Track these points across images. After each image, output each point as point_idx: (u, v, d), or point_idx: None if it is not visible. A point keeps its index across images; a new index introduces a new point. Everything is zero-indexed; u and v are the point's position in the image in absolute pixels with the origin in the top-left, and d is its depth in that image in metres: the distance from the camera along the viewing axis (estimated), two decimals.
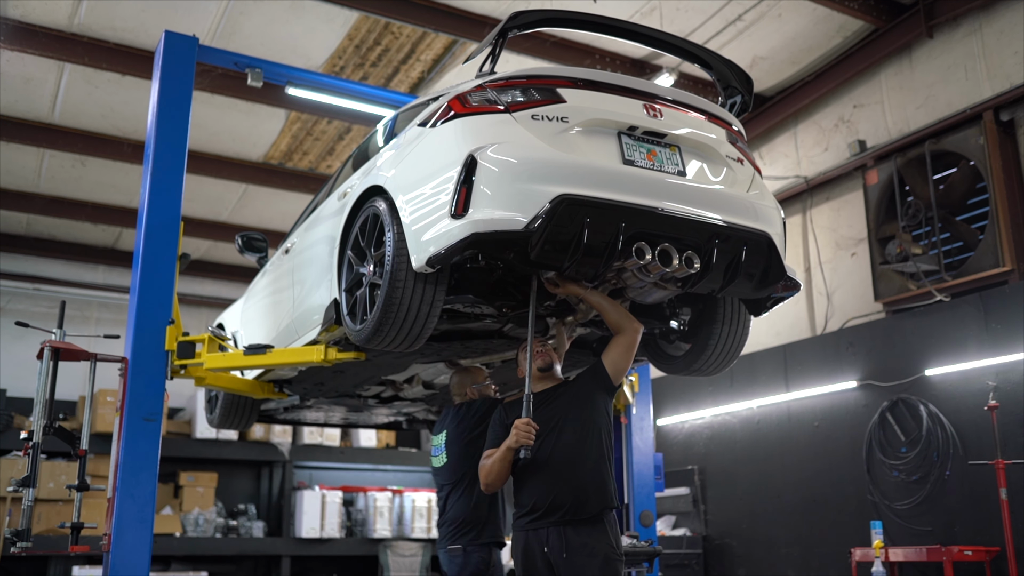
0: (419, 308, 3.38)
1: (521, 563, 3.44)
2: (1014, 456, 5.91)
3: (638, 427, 6.17)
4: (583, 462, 3.43)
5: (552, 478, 3.42)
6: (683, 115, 3.64)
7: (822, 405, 7.62)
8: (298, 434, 10.97)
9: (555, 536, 3.38)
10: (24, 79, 8.10)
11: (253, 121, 9.01)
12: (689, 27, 7.63)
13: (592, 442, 3.47)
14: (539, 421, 3.42)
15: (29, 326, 4.74)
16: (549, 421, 3.48)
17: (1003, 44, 6.96)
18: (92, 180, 10.10)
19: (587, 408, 3.52)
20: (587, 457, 3.44)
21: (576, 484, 3.40)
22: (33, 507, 4.25)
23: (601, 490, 3.43)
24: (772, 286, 3.66)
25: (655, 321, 4.11)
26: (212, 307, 12.02)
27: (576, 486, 3.40)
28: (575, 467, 3.42)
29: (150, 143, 5.02)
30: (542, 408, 3.52)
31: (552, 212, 3.04)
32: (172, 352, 4.64)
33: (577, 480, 3.41)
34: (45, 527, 8.75)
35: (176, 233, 4.87)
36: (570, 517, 3.38)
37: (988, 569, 5.97)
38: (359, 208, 3.78)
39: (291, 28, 7.48)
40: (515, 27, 3.58)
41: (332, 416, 6.29)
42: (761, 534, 7.98)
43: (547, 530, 3.40)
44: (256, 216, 11.19)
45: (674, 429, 9.20)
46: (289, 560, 10.38)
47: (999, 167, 6.81)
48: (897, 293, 7.41)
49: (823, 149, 8.53)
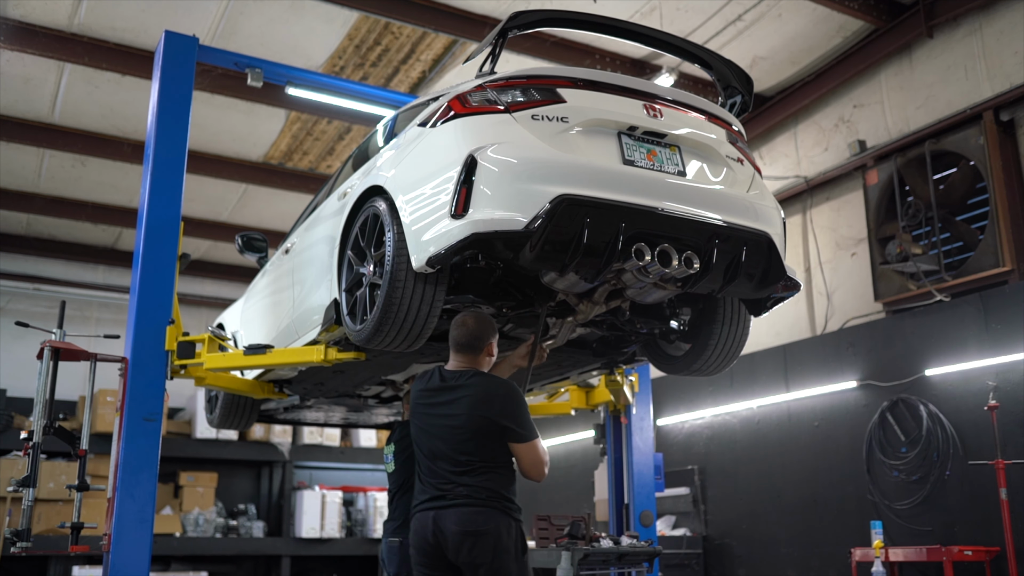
0: (419, 308, 3.39)
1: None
2: (1014, 456, 5.91)
3: (638, 427, 6.18)
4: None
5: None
6: (683, 115, 3.64)
7: (822, 405, 7.62)
8: (298, 434, 10.98)
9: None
10: (24, 79, 8.10)
11: (253, 121, 9.01)
12: (689, 27, 7.63)
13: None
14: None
15: (29, 326, 4.74)
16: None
17: (1003, 44, 6.96)
18: (92, 180, 10.10)
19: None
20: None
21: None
22: (33, 507, 4.26)
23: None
24: (772, 286, 3.66)
25: (655, 321, 4.11)
26: (212, 307, 12.03)
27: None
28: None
29: (150, 143, 5.02)
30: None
31: (552, 212, 3.04)
32: (172, 352, 4.64)
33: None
34: (45, 527, 8.75)
35: (176, 233, 4.87)
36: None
37: (988, 569, 5.97)
38: (359, 208, 3.78)
39: (291, 28, 7.48)
40: (515, 27, 3.59)
41: (332, 416, 6.29)
42: (761, 534, 7.98)
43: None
44: (256, 216, 11.19)
45: (674, 429, 9.21)
46: (289, 560, 10.39)
47: (999, 167, 6.81)
48: (897, 293, 7.41)
49: (823, 149, 8.53)
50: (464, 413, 3.25)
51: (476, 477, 3.22)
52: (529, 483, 3.53)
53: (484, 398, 3.25)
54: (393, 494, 5.06)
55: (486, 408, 3.24)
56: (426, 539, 3.26)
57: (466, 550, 3.16)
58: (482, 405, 3.24)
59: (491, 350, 3.45)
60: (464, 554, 3.16)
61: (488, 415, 3.23)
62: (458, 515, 3.19)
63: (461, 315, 3.49)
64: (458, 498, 3.22)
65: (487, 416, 3.23)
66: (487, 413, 3.23)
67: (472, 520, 3.17)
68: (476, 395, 3.26)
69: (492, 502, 3.20)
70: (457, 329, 3.43)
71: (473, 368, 3.39)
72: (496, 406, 3.24)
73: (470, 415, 3.24)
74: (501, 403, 3.25)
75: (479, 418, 3.23)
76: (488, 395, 3.26)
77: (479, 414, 3.23)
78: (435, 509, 3.25)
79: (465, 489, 3.21)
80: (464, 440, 3.25)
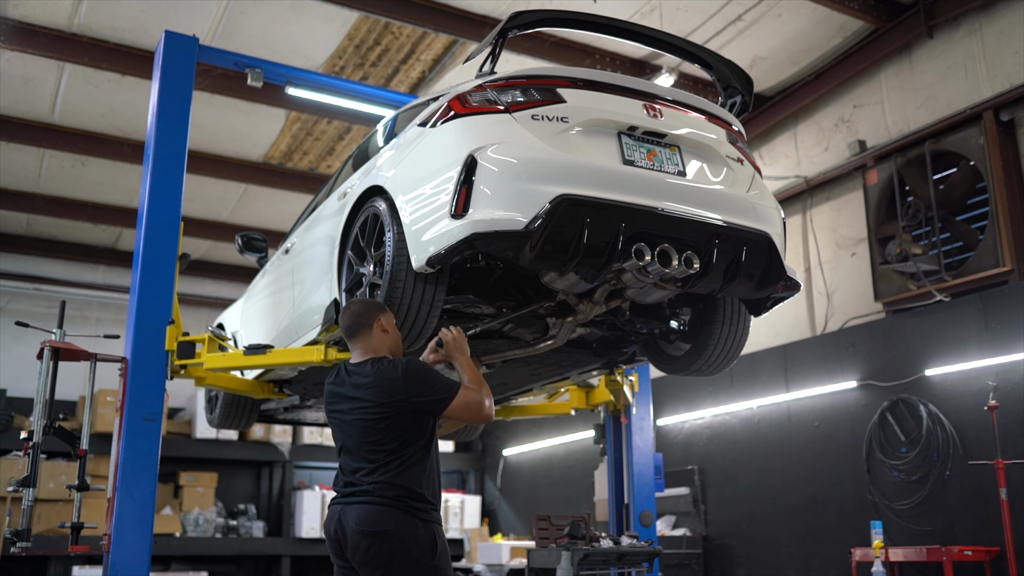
0: (419, 308, 3.39)
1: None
2: (1014, 456, 5.91)
3: (638, 427, 6.18)
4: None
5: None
6: (683, 115, 3.64)
7: (822, 405, 7.62)
8: (298, 434, 10.98)
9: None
10: (24, 79, 8.10)
11: (253, 121, 9.01)
12: (689, 27, 7.63)
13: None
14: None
15: (29, 326, 4.74)
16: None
17: (1003, 44, 6.96)
18: (92, 180, 10.10)
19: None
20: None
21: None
22: (33, 507, 4.26)
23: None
24: (772, 286, 3.66)
25: (655, 321, 4.11)
26: (212, 307, 12.03)
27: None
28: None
29: (150, 143, 5.02)
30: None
31: (552, 212, 3.04)
32: (172, 352, 4.64)
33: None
34: (45, 527, 8.75)
35: (176, 233, 4.87)
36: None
37: (988, 569, 5.97)
38: (359, 208, 3.78)
39: (291, 28, 7.48)
40: (515, 27, 3.59)
41: None
42: (761, 534, 7.98)
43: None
44: (256, 216, 11.19)
45: (674, 429, 9.21)
46: (289, 560, 10.40)
47: (999, 167, 6.81)
48: (897, 293, 7.41)
49: (823, 149, 8.53)
50: (367, 406, 3.05)
51: (382, 473, 3.01)
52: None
53: (385, 387, 3.03)
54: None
55: (390, 395, 3.02)
56: (330, 534, 3.11)
57: (363, 550, 2.97)
58: (384, 394, 3.03)
59: (383, 326, 3.22)
60: (360, 554, 2.97)
61: (394, 400, 3.02)
62: (358, 513, 3.00)
63: (345, 304, 3.34)
64: (362, 495, 3.02)
65: (394, 402, 3.02)
66: (392, 399, 3.02)
67: (370, 519, 2.97)
68: (375, 385, 3.05)
69: (397, 501, 2.99)
70: (341, 318, 3.27)
71: (371, 356, 3.18)
72: (400, 390, 3.02)
73: (374, 406, 3.03)
74: (402, 383, 3.02)
75: (384, 406, 3.02)
76: (387, 382, 3.04)
77: (383, 402, 3.02)
78: (342, 504, 3.08)
79: (369, 486, 3.01)
80: (370, 433, 3.04)
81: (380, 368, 3.08)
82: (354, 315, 3.22)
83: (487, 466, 12.27)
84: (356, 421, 3.07)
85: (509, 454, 11.63)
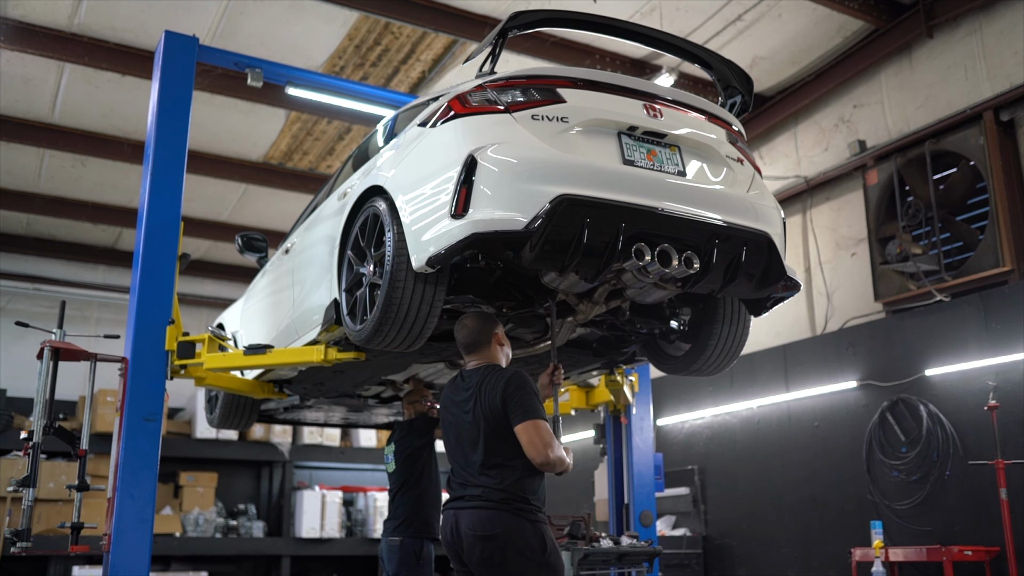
0: (419, 308, 3.39)
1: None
2: (1014, 456, 5.91)
3: (638, 427, 6.17)
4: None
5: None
6: (683, 115, 3.64)
7: (822, 405, 7.62)
8: (298, 434, 10.97)
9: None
10: (24, 79, 8.10)
11: (253, 121, 9.01)
12: (689, 27, 7.63)
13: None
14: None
15: (29, 326, 4.74)
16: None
17: (1003, 44, 6.96)
18: (92, 180, 10.10)
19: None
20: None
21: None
22: (33, 507, 4.26)
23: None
24: (772, 286, 3.66)
25: (655, 321, 4.11)
26: (212, 307, 12.02)
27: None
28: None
29: (150, 143, 5.02)
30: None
31: (552, 212, 3.04)
32: (172, 352, 4.64)
33: None
34: (45, 527, 8.74)
35: (176, 233, 4.87)
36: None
37: (988, 569, 5.97)
38: (359, 208, 3.78)
39: (291, 28, 7.47)
40: (515, 27, 3.58)
41: (332, 416, 6.29)
42: (761, 534, 7.98)
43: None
44: (256, 216, 11.19)
45: (674, 429, 9.21)
46: (289, 560, 10.38)
47: (999, 167, 6.81)
48: (897, 293, 7.41)
49: (823, 149, 8.53)
50: (474, 409, 3.27)
51: (491, 477, 3.19)
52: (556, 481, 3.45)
53: (488, 390, 3.26)
54: (394, 493, 5.11)
55: (490, 398, 3.24)
56: (447, 538, 3.28)
57: (477, 553, 3.14)
58: (487, 397, 3.25)
59: (499, 340, 3.46)
60: (476, 556, 3.15)
61: (493, 405, 3.22)
62: (471, 517, 3.17)
63: (460, 319, 3.51)
64: (473, 499, 3.20)
65: (493, 406, 3.22)
66: (492, 403, 3.23)
67: (482, 523, 3.14)
68: (483, 389, 3.28)
69: (505, 504, 3.15)
70: (459, 333, 3.47)
71: (487, 364, 3.40)
72: (498, 394, 3.23)
73: (479, 410, 3.25)
74: (502, 389, 3.23)
75: (486, 411, 3.23)
76: (491, 386, 3.26)
77: (486, 406, 3.24)
78: (455, 509, 3.25)
79: (479, 490, 3.19)
80: (477, 437, 3.25)
81: (491, 376, 3.31)
82: (474, 332, 3.45)
83: None
84: (467, 427, 3.29)
85: None
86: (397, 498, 5.07)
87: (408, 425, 5.19)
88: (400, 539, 4.94)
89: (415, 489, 5.02)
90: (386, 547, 4.98)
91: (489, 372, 3.34)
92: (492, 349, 3.44)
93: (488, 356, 3.43)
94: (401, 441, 5.16)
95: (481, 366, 3.40)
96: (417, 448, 5.09)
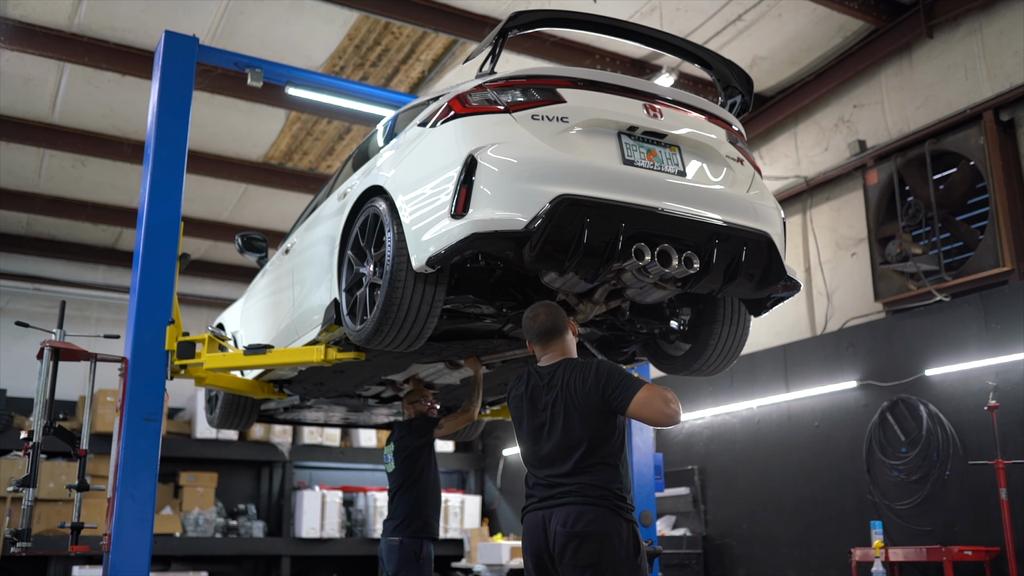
0: (419, 308, 3.39)
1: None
2: (1014, 456, 5.91)
3: (638, 427, 6.17)
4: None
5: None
6: (683, 115, 3.64)
7: (822, 405, 7.62)
8: (298, 434, 10.98)
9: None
10: (24, 79, 8.10)
11: (253, 121, 9.01)
12: (689, 27, 7.63)
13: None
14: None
15: (29, 326, 4.74)
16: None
17: (1003, 44, 6.96)
18: (92, 180, 10.10)
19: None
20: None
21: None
22: (33, 507, 4.25)
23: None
24: (772, 286, 3.66)
25: (655, 321, 4.11)
26: (212, 307, 12.03)
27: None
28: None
29: (150, 143, 5.03)
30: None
31: (552, 212, 3.04)
32: (172, 352, 4.64)
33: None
34: (45, 527, 8.75)
35: (176, 233, 4.87)
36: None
37: (988, 569, 5.97)
38: (359, 208, 3.78)
39: (291, 28, 7.48)
40: (515, 27, 3.59)
41: (332, 416, 6.29)
42: (761, 534, 7.98)
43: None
44: (256, 216, 11.19)
45: (674, 429, 9.21)
46: (289, 560, 10.39)
47: (999, 167, 6.81)
48: (897, 293, 7.41)
49: (823, 149, 8.53)
50: (563, 406, 3.17)
51: (583, 474, 3.10)
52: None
53: (578, 384, 3.17)
54: (393, 494, 5.11)
55: (582, 392, 3.14)
56: (535, 541, 3.15)
57: (571, 551, 3.02)
58: (577, 391, 3.15)
59: (573, 329, 3.41)
60: (569, 555, 3.02)
61: (587, 397, 3.13)
62: (565, 514, 3.07)
63: (529, 311, 3.42)
64: (567, 496, 3.09)
65: (587, 399, 3.13)
66: (585, 396, 3.14)
67: (579, 519, 3.04)
68: (570, 384, 3.18)
69: (601, 500, 3.07)
70: (533, 322, 3.36)
71: (562, 358, 3.32)
72: (591, 385, 3.14)
73: (570, 406, 3.15)
74: (594, 379, 3.14)
75: (579, 405, 3.14)
76: (581, 379, 3.17)
77: (579, 400, 3.14)
78: (543, 509, 3.14)
79: (574, 486, 3.09)
80: (567, 434, 3.14)
81: (573, 368, 3.22)
82: (551, 319, 3.35)
83: (487, 466, 12.27)
84: (552, 423, 3.18)
85: (509, 454, 11.63)
86: (396, 498, 5.08)
87: (408, 425, 5.19)
88: (399, 539, 4.95)
89: (414, 489, 5.03)
90: (385, 547, 4.98)
91: (571, 366, 3.24)
92: (568, 337, 3.36)
93: (563, 346, 3.34)
94: (400, 441, 5.16)
95: (557, 361, 3.30)
96: (416, 448, 5.09)
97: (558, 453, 3.15)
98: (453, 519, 11.27)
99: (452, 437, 6.60)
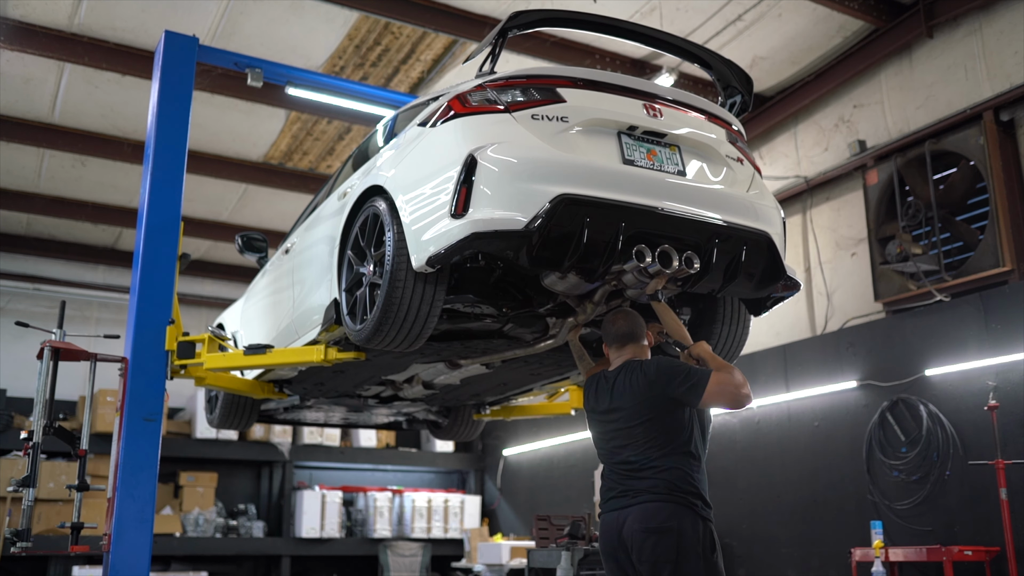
0: (419, 308, 3.39)
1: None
2: (1014, 456, 5.91)
3: None
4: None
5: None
6: (683, 115, 3.64)
7: (822, 405, 7.62)
8: (298, 434, 10.99)
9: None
10: (24, 79, 8.10)
11: (253, 121, 9.01)
12: (689, 27, 7.63)
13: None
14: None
15: (29, 326, 4.75)
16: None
17: (1003, 44, 6.96)
18: (92, 180, 10.10)
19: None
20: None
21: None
22: (33, 507, 4.26)
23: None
24: (772, 286, 3.66)
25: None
26: (212, 307, 12.03)
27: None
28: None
29: (150, 143, 5.03)
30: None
31: (552, 212, 3.04)
32: (172, 352, 4.65)
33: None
34: (45, 527, 8.75)
35: (176, 233, 4.88)
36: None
37: (988, 569, 5.97)
38: (359, 208, 3.78)
39: (291, 28, 7.48)
40: (515, 27, 3.59)
41: (332, 416, 6.30)
42: (761, 534, 7.97)
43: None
44: (256, 216, 11.19)
45: None
46: (289, 560, 10.40)
47: (999, 167, 6.81)
48: (897, 293, 7.41)
49: (823, 149, 8.53)
50: (631, 407, 3.28)
51: (657, 472, 3.20)
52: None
53: (643, 386, 3.27)
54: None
55: (650, 393, 3.25)
56: (612, 542, 3.23)
57: (649, 548, 3.09)
58: (644, 393, 3.26)
59: (650, 338, 3.55)
60: (647, 553, 3.09)
61: (654, 397, 3.24)
62: (640, 512, 3.14)
63: (609, 316, 3.57)
64: (640, 494, 3.18)
65: (654, 398, 3.24)
66: (652, 396, 3.24)
67: (654, 516, 3.11)
68: (634, 383, 3.30)
69: (677, 496, 3.15)
70: (613, 326, 3.51)
71: (627, 360, 3.44)
72: (656, 385, 3.25)
73: (637, 407, 3.27)
74: (655, 378, 3.24)
75: (647, 402, 3.25)
76: (644, 381, 3.28)
77: (645, 401, 3.25)
78: (618, 509, 3.23)
79: (649, 483, 3.18)
80: (637, 434, 3.26)
81: (634, 370, 3.35)
82: (627, 327, 3.51)
83: (487, 466, 12.27)
84: (623, 425, 3.29)
85: (509, 454, 11.63)
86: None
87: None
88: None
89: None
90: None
91: (631, 367, 3.37)
92: (643, 344, 3.50)
93: (639, 349, 3.48)
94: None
95: (622, 364, 3.43)
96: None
97: (627, 453, 3.27)
98: (453, 519, 11.28)
99: (452, 437, 6.60)
